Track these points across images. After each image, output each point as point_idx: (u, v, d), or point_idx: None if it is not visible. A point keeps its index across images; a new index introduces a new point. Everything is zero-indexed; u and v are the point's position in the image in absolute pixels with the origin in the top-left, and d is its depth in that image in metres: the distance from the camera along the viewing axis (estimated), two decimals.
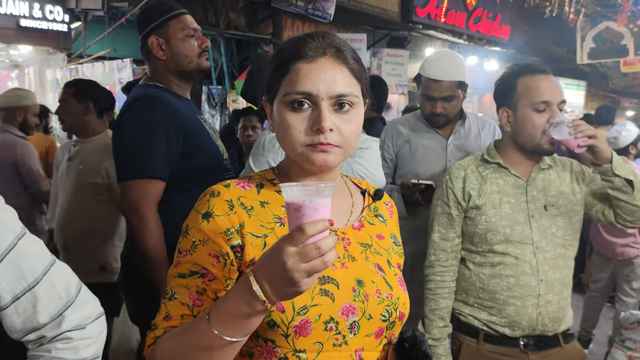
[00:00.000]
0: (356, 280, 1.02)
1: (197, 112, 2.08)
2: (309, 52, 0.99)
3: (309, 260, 0.78)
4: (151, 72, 2.02)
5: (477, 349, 1.85)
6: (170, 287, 0.99)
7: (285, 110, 0.99)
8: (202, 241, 0.99)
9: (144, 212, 1.79)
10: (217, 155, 2.00)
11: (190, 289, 0.97)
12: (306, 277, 0.79)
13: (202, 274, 0.97)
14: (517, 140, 1.82)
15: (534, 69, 1.80)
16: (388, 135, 2.59)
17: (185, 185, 1.85)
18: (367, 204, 1.17)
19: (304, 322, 0.94)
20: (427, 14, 9.17)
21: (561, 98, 1.76)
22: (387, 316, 1.03)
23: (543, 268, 1.77)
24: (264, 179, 1.09)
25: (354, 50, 1.05)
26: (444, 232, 1.91)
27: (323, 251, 0.78)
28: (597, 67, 12.59)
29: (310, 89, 0.97)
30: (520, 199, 1.82)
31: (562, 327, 1.83)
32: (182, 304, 0.96)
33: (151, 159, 1.80)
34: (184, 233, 1.02)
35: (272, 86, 1.03)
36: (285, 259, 0.78)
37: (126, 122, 1.90)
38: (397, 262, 1.17)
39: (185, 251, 1.00)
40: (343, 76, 0.99)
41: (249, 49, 8.33)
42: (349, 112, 1.00)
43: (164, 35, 1.94)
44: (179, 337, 0.90)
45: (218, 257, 0.98)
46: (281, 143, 1.05)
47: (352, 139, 1.01)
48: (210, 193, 1.04)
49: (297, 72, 0.98)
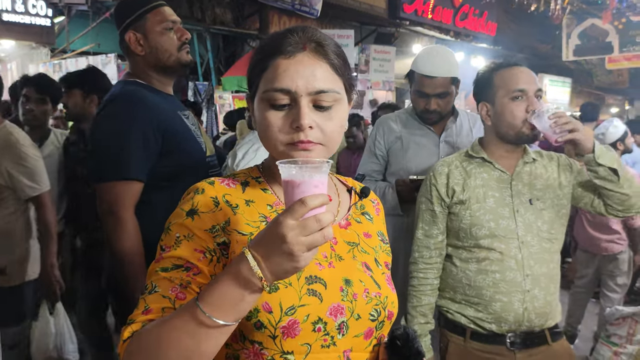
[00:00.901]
0: (344, 279, 1.00)
1: (180, 108, 2.02)
2: (288, 48, 0.96)
3: (309, 234, 0.76)
4: (131, 68, 1.96)
5: (464, 346, 1.85)
6: (150, 281, 0.94)
7: (264, 108, 0.97)
8: (187, 236, 0.96)
9: (121, 214, 1.73)
10: (199, 153, 1.95)
11: (174, 282, 0.92)
12: (306, 251, 0.77)
13: (187, 268, 0.93)
14: (499, 132, 1.82)
15: (508, 63, 1.84)
16: (379, 132, 2.55)
17: (165, 184, 1.80)
18: (354, 202, 1.15)
19: (291, 323, 0.92)
20: (414, 10, 9.17)
21: (537, 87, 1.77)
22: (376, 315, 1.01)
23: (529, 263, 1.77)
24: (248, 177, 1.07)
25: (338, 45, 1.02)
26: (427, 229, 1.90)
27: (323, 224, 0.76)
28: (582, 64, 12.70)
29: (288, 85, 0.94)
30: (504, 193, 1.81)
31: (550, 323, 1.82)
32: (163, 296, 0.91)
33: (127, 159, 1.74)
34: (166, 230, 0.99)
35: (252, 83, 1.01)
36: (284, 232, 0.76)
37: (101, 122, 1.84)
38: (385, 260, 1.14)
39: (169, 247, 0.96)
40: (323, 71, 0.97)
41: (235, 45, 8.29)
42: (330, 108, 0.97)
43: (141, 30, 1.87)
44: (162, 325, 0.84)
45: (205, 253, 0.95)
46: (262, 141, 1.02)
47: (334, 137, 0.99)
48: (194, 191, 1.01)
49: (276, 68, 0.96)
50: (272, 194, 1.05)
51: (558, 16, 9.59)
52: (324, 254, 1.01)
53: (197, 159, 1.93)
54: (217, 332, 0.81)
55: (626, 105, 17.47)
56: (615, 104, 17.27)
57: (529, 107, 1.74)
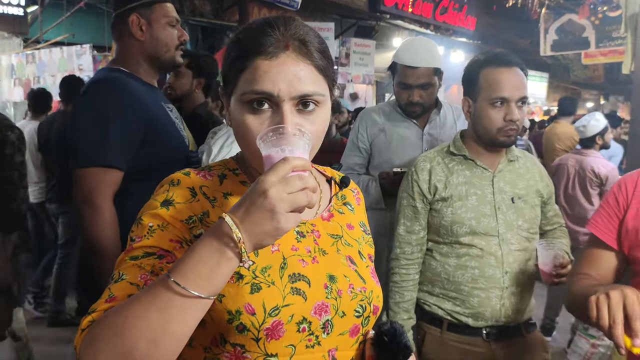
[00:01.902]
0: (328, 275, 0.97)
1: (164, 100, 1.98)
2: (269, 48, 0.88)
3: (292, 191, 0.73)
4: (118, 54, 1.90)
5: (440, 338, 1.85)
6: (117, 270, 0.87)
7: (243, 111, 0.90)
8: (161, 226, 0.90)
9: (98, 202, 1.67)
10: (181, 146, 1.91)
11: (144, 269, 0.85)
12: (288, 211, 0.74)
13: (160, 255, 0.87)
14: (476, 132, 1.82)
15: (499, 60, 1.77)
16: (362, 124, 2.51)
17: (145, 177, 1.74)
18: (335, 192, 1.11)
19: (275, 324, 0.88)
20: (395, 3, 9.16)
21: (521, 94, 1.74)
22: (361, 311, 0.98)
23: (508, 260, 1.78)
24: (225, 169, 1.02)
25: (321, 39, 0.96)
26: (409, 225, 1.89)
27: (306, 183, 0.74)
28: (559, 59, 12.86)
29: (270, 89, 0.87)
30: (486, 190, 1.81)
31: (525, 317, 1.85)
32: (130, 283, 0.83)
33: (107, 145, 1.69)
34: (137, 221, 0.92)
35: (229, 81, 0.94)
36: (266, 187, 0.73)
37: (82, 106, 1.78)
38: (368, 252, 1.12)
39: (140, 237, 0.89)
40: (307, 73, 0.90)
41: (214, 37, 8.19)
42: (314, 112, 0.91)
43: (146, 17, 1.84)
44: (126, 304, 0.76)
45: (181, 243, 0.89)
46: (240, 145, 0.97)
47: (317, 142, 0.94)
48: (169, 182, 0.96)
49: (256, 69, 0.88)
50: None
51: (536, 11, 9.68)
52: (307, 249, 0.98)
53: (178, 151, 1.89)
54: (190, 306, 0.74)
55: (601, 100, 17.76)
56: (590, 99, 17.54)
57: (507, 117, 1.73)
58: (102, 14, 6.52)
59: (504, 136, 1.75)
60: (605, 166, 4.01)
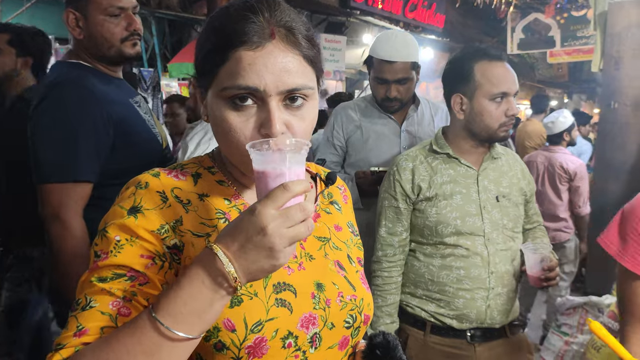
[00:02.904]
0: (315, 283, 0.89)
1: (131, 94, 1.82)
2: (254, 37, 0.79)
3: (292, 224, 0.67)
4: (74, 47, 1.75)
5: (423, 341, 1.81)
6: (83, 295, 0.77)
7: (224, 108, 0.81)
8: (130, 240, 0.79)
9: (68, 219, 1.55)
10: (155, 145, 1.78)
11: (114, 294, 0.75)
12: (288, 246, 0.67)
13: (131, 277, 0.77)
14: (471, 129, 1.77)
15: (491, 55, 1.73)
16: (337, 121, 2.42)
17: (118, 181, 1.60)
18: (321, 190, 1.03)
19: (258, 341, 0.79)
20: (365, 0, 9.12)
21: (517, 88, 1.73)
22: (351, 322, 0.91)
23: (494, 260, 1.74)
24: (200, 168, 0.92)
25: (308, 25, 0.86)
26: (391, 227, 1.84)
27: (308, 214, 0.67)
28: (525, 57, 13.04)
29: (255, 83, 0.78)
30: (471, 189, 1.77)
31: (510, 319, 1.82)
32: (101, 313, 0.74)
33: (75, 158, 1.56)
34: (101, 233, 0.81)
35: (206, 73, 0.84)
36: (265, 222, 0.65)
37: (44, 114, 1.61)
38: (357, 255, 1.04)
39: (106, 253, 0.79)
40: (296, 65, 0.81)
41: (182, 30, 8.01)
42: (302, 106, 0.83)
43: (82, 10, 1.66)
44: (106, 347, 0.69)
45: (154, 259, 0.79)
46: (220, 144, 0.88)
47: (305, 138, 0.85)
48: (135, 184, 0.85)
49: (238, 61, 0.79)
50: (230, 186, 0.91)
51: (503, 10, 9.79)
52: (294, 255, 0.89)
53: (152, 152, 1.76)
54: (180, 348, 0.69)
55: (565, 99, 18.14)
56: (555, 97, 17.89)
57: (509, 111, 1.70)
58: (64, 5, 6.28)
59: (504, 131, 1.72)
60: (574, 162, 4.10)
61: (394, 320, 1.84)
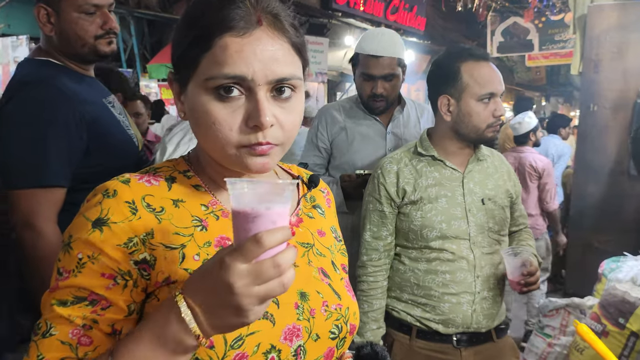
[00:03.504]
0: (299, 293, 0.84)
1: (104, 94, 1.75)
2: (240, 23, 0.75)
3: (264, 282, 0.60)
4: (44, 43, 1.66)
5: (409, 345, 1.79)
6: (44, 319, 0.73)
7: (207, 99, 0.76)
8: (92, 257, 0.74)
9: (40, 226, 1.48)
10: (130, 146, 1.72)
11: (74, 322, 0.72)
12: (258, 305, 0.61)
13: (93, 301, 0.73)
14: (458, 131, 1.74)
15: (477, 55, 1.71)
16: (322, 122, 2.37)
17: (93, 186, 1.56)
18: (303, 193, 0.99)
19: (239, 358, 0.74)
20: (347, 2, 9.12)
21: (503, 88, 1.71)
22: (337, 332, 0.86)
23: (480, 264, 1.73)
24: (174, 171, 0.87)
25: (292, 13, 0.83)
26: (375, 231, 1.81)
27: (283, 270, 0.61)
28: (504, 60, 13.19)
29: (243, 71, 0.74)
30: (456, 192, 1.75)
31: (496, 323, 1.80)
32: (61, 342, 0.71)
33: (47, 162, 1.49)
34: (65, 247, 0.77)
35: (187, 64, 0.79)
36: (232, 280, 0.59)
37: (12, 115, 1.53)
38: (342, 262, 1.00)
39: (68, 272, 0.75)
40: (284, 53, 0.77)
41: (162, 31, 7.91)
42: (290, 98, 0.79)
43: (55, 6, 1.58)
44: None
45: (115, 278, 0.74)
46: (202, 141, 0.82)
47: (293, 133, 0.81)
48: (102, 192, 0.79)
49: (225, 48, 0.75)
50: (207, 191, 0.85)
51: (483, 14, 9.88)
52: None
53: (128, 154, 1.69)
54: None
55: (542, 102, 18.39)
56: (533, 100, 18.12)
57: (496, 112, 1.68)
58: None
59: (492, 132, 1.71)
60: (542, 160, 4.27)
61: (380, 325, 1.81)
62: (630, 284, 2.43)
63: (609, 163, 4.31)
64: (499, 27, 10.87)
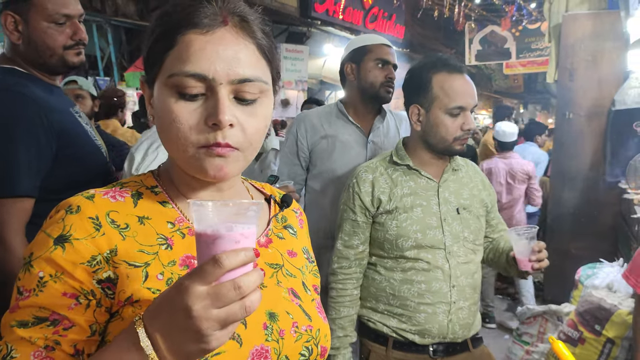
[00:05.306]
0: (267, 313, 0.82)
1: (70, 104, 1.71)
2: (204, 20, 0.75)
3: (224, 305, 0.57)
4: (8, 50, 1.62)
5: (385, 356, 1.77)
6: (4, 342, 0.71)
7: (169, 97, 0.75)
8: (54, 276, 0.72)
9: (8, 238, 1.44)
10: (99, 157, 1.68)
11: (36, 343, 0.69)
12: (218, 329, 0.58)
13: (54, 321, 0.71)
14: (428, 140, 1.74)
15: (450, 66, 1.71)
16: (301, 130, 2.33)
17: (62, 197, 1.51)
18: (274, 213, 0.97)
19: None
20: (326, 10, 9.14)
21: (475, 102, 1.71)
22: (307, 355, 0.84)
23: (455, 273, 1.71)
24: (141, 187, 0.85)
25: (264, 20, 0.82)
26: (347, 240, 1.79)
27: (244, 292, 0.58)
28: (483, 68, 13.34)
29: (204, 69, 0.74)
30: (432, 201, 1.74)
31: (472, 333, 1.79)
32: None
33: (15, 171, 1.44)
34: (26, 265, 0.74)
35: (153, 63, 0.79)
36: (190, 303, 0.57)
37: None
38: (313, 283, 0.98)
39: (29, 291, 0.72)
40: (248, 54, 0.77)
41: (140, 39, 7.81)
42: (254, 102, 0.78)
43: (23, 14, 1.54)
44: None
45: (78, 297, 0.72)
46: (164, 141, 0.80)
47: (256, 139, 0.79)
48: (65, 208, 0.77)
49: (188, 45, 0.74)
50: (174, 207, 0.83)
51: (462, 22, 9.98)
52: None
53: (96, 165, 1.65)
54: None
55: (520, 109, 18.64)
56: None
57: (464, 126, 1.68)
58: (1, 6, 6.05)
59: (460, 145, 1.70)
60: (528, 163, 4.56)
61: (347, 334, 1.79)
62: (606, 291, 2.45)
63: (585, 170, 4.37)
64: (476, 35, 11.01)
